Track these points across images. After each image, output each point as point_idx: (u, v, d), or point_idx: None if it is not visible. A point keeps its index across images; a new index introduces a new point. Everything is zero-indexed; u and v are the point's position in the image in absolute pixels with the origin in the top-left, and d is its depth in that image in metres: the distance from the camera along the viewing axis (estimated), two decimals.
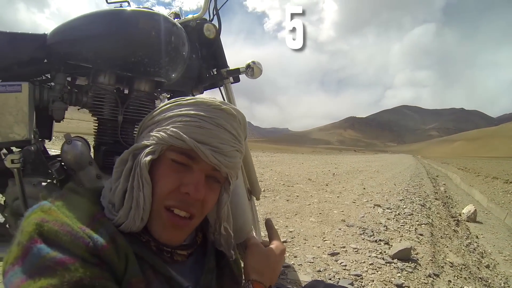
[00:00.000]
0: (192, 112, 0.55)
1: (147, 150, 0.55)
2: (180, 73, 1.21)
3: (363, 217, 3.41)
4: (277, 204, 3.80)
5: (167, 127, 0.55)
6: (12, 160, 0.90)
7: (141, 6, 1.42)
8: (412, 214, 3.81)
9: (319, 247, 2.44)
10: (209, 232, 0.68)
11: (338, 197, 4.62)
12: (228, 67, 1.55)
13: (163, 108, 0.59)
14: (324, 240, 2.60)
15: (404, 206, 4.23)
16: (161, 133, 0.55)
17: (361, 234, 2.77)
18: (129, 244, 0.50)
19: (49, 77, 1.10)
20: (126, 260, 0.48)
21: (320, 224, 3.10)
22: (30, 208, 0.49)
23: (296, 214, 3.41)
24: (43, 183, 1.00)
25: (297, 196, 4.45)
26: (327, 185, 5.85)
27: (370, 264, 2.13)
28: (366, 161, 16.34)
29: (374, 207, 3.98)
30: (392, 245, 2.47)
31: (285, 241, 2.48)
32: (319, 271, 2.00)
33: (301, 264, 2.08)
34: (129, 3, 1.44)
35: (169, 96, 1.57)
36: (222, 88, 1.57)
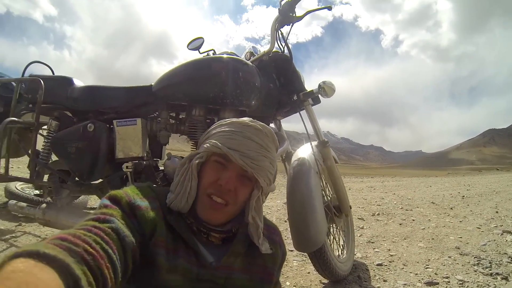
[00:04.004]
0: (227, 129, 0.80)
1: (198, 155, 0.80)
2: (258, 101, 1.45)
3: (484, 245, 2.81)
4: (387, 228, 3.52)
5: (211, 140, 0.79)
6: (127, 166, 1.36)
7: (228, 51, 1.78)
8: None
9: (417, 274, 2.18)
10: (243, 224, 0.85)
11: (460, 221, 3.92)
12: (306, 90, 1.69)
13: (212, 127, 0.85)
14: (426, 268, 2.30)
15: None
16: (207, 144, 0.80)
17: (474, 265, 2.31)
18: (174, 222, 0.73)
19: (156, 114, 1.55)
20: (155, 223, 0.70)
21: (428, 250, 2.74)
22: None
23: (405, 239, 3.09)
24: None
25: (413, 220, 3.99)
26: (451, 208, 5.01)
27: None
28: (508, 180, 12.92)
29: (502, 234, 3.18)
30: (510, 281, 1.99)
31: (380, 264, 2.33)
32: None
33: None
34: (214, 51, 1.84)
35: None
36: (304, 110, 1.71)
